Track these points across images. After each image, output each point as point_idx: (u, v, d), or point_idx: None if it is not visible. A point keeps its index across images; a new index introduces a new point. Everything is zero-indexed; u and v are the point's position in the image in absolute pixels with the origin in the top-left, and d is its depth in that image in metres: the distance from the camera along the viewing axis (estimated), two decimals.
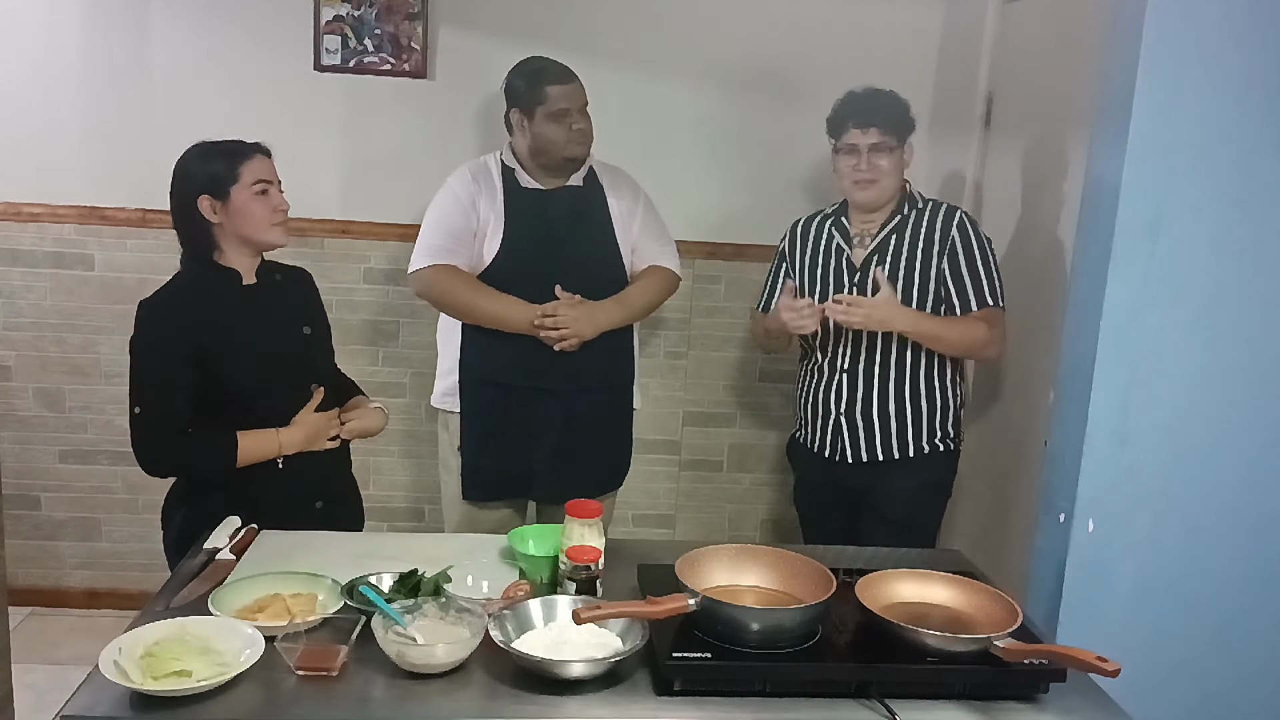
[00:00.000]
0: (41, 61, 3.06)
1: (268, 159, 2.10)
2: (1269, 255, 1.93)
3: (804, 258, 2.57)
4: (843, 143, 2.42)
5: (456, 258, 2.55)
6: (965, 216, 2.44)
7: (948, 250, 2.40)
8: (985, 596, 1.68)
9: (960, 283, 2.40)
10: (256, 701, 1.43)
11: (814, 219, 2.60)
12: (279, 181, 2.11)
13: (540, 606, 1.62)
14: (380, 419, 2.26)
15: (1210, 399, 1.97)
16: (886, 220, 2.45)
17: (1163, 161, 1.87)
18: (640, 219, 2.68)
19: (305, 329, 2.18)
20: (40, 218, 3.14)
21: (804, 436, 2.62)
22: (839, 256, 2.50)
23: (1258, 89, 1.86)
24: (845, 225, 2.52)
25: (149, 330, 2.00)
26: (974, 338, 2.40)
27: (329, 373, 2.25)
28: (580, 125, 2.55)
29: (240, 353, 2.03)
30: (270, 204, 2.06)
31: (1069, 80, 2.51)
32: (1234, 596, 2.04)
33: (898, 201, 2.46)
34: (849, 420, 2.49)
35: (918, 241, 2.42)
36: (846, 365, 2.48)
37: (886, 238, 2.44)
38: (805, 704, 1.49)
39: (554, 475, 2.61)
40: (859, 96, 2.44)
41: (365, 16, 3.05)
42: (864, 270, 2.45)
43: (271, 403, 2.07)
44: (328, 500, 2.18)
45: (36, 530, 3.32)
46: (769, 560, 1.75)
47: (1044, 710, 1.52)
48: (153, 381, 1.99)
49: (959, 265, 2.40)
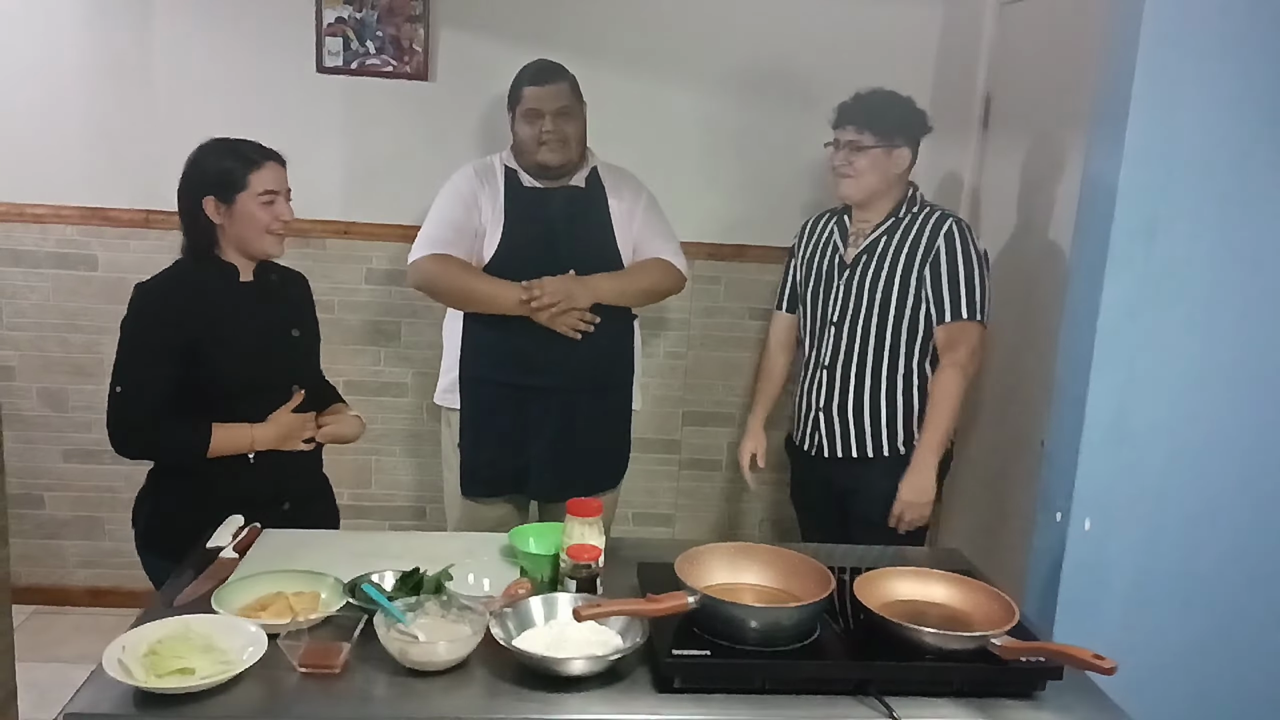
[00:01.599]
0: (44, 63, 3.07)
1: (281, 168, 2.10)
2: (1266, 256, 1.94)
3: (803, 252, 2.65)
4: (833, 137, 2.49)
5: (454, 249, 2.55)
6: (957, 226, 2.43)
7: (932, 258, 2.41)
8: (983, 595, 1.69)
9: (939, 292, 2.42)
10: (259, 699, 1.43)
11: (822, 216, 2.66)
12: (288, 190, 2.11)
13: (541, 604, 1.63)
14: (357, 427, 2.26)
15: (1207, 398, 1.98)
16: (881, 221, 2.48)
17: (1160, 162, 1.88)
18: (640, 218, 2.67)
19: (295, 331, 2.19)
20: (43, 218, 3.15)
21: (793, 432, 2.70)
22: (833, 253, 2.55)
23: (1255, 90, 1.87)
24: (845, 224, 2.57)
25: (140, 313, 2.03)
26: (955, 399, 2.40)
27: (313, 377, 2.26)
28: (551, 129, 2.50)
29: (227, 347, 2.05)
30: (273, 213, 2.06)
31: (1067, 82, 2.52)
32: (1230, 595, 2.05)
33: (895, 204, 2.48)
34: (826, 415, 2.54)
35: (905, 245, 2.44)
36: (826, 361, 2.54)
37: (877, 239, 2.48)
38: (804, 701, 1.50)
39: (550, 474, 2.62)
40: (859, 96, 2.48)
41: (367, 19, 3.06)
42: (852, 269, 2.49)
43: (251, 400, 2.09)
44: (295, 501, 2.17)
45: (40, 529, 3.33)
46: (768, 558, 1.76)
47: (1041, 708, 1.52)
48: (136, 363, 2.02)
49: (940, 273, 2.41)
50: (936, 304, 2.42)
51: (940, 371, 2.44)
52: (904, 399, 2.49)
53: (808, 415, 2.59)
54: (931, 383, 2.46)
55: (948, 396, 2.41)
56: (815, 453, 2.58)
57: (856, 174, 2.44)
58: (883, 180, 2.45)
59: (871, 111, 2.44)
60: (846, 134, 2.45)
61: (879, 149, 2.42)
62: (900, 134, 2.44)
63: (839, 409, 2.52)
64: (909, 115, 2.47)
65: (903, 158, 2.46)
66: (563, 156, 2.55)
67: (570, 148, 2.55)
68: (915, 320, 2.45)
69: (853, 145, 2.43)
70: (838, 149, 2.48)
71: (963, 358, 2.40)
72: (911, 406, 2.50)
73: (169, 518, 2.09)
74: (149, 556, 2.13)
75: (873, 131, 2.42)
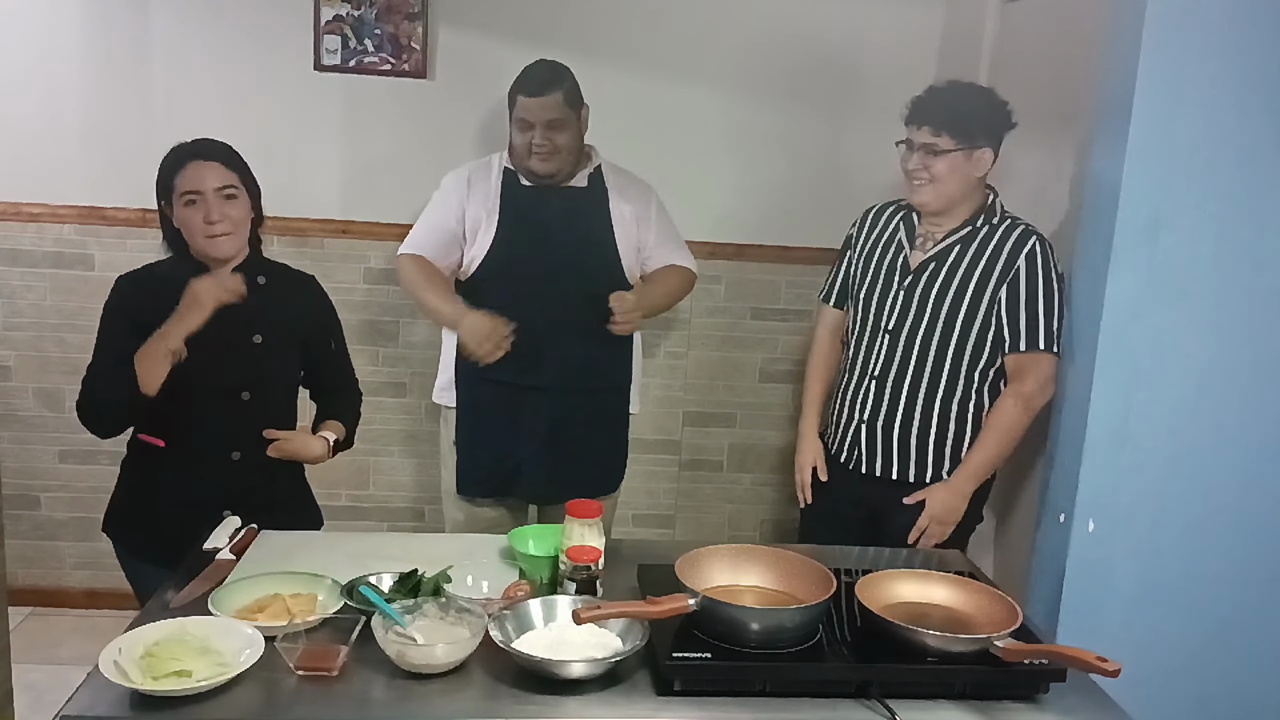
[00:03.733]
0: (41, 61, 3.05)
1: (210, 164, 2.03)
2: (1269, 254, 1.93)
3: (865, 244, 2.43)
4: (906, 137, 2.29)
5: (429, 250, 2.62)
6: (1040, 245, 2.21)
7: (1009, 278, 2.20)
8: (985, 596, 1.68)
9: (1015, 317, 2.20)
10: (256, 701, 1.42)
11: (887, 207, 2.44)
12: (226, 187, 2.03)
13: (540, 606, 1.62)
14: (318, 449, 2.18)
15: (1210, 399, 1.97)
16: (956, 229, 2.27)
17: (1163, 161, 1.87)
18: (654, 224, 2.68)
19: (256, 338, 2.11)
20: (40, 218, 3.13)
21: (827, 437, 2.50)
22: (897, 253, 2.34)
23: (1258, 88, 1.87)
24: (914, 222, 2.35)
25: (110, 299, 2.09)
26: (1016, 433, 2.22)
27: (278, 382, 2.18)
28: (540, 141, 2.49)
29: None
30: (200, 215, 2.01)
31: (1069, 80, 2.51)
32: (1234, 596, 2.04)
33: (973, 211, 2.27)
34: (870, 429, 2.34)
35: (980, 259, 2.23)
36: (876, 371, 2.34)
37: (949, 247, 2.27)
38: (805, 704, 1.49)
39: (542, 475, 2.61)
40: (933, 90, 2.28)
41: (365, 16, 3.05)
42: (917, 275, 2.29)
43: (202, 401, 2.06)
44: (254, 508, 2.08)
45: (36, 530, 3.32)
46: (769, 560, 1.75)
47: (1044, 710, 1.52)
48: (99, 343, 2.08)
49: (1018, 298, 2.19)
50: (1011, 329, 2.20)
51: (1003, 399, 2.24)
52: (956, 424, 2.29)
53: (847, 426, 2.39)
54: (991, 410, 2.26)
55: (1006, 429, 2.22)
56: (853, 466, 2.38)
57: (934, 180, 2.22)
58: (963, 186, 2.23)
59: (950, 109, 2.21)
60: (922, 135, 2.21)
61: (959, 151, 2.20)
62: (982, 134, 2.21)
63: (884, 424, 2.32)
64: (992, 111, 2.24)
65: (984, 159, 2.23)
66: (552, 166, 2.54)
67: (561, 157, 2.54)
68: (982, 342, 2.24)
69: (929, 148, 2.20)
70: (911, 150, 2.25)
71: (1030, 389, 2.19)
72: (963, 434, 2.29)
73: (113, 507, 2.20)
74: (107, 531, 2.22)
75: (951, 132, 2.19)
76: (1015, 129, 2.27)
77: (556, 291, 2.55)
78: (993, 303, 2.22)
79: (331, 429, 2.24)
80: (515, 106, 2.53)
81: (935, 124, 2.20)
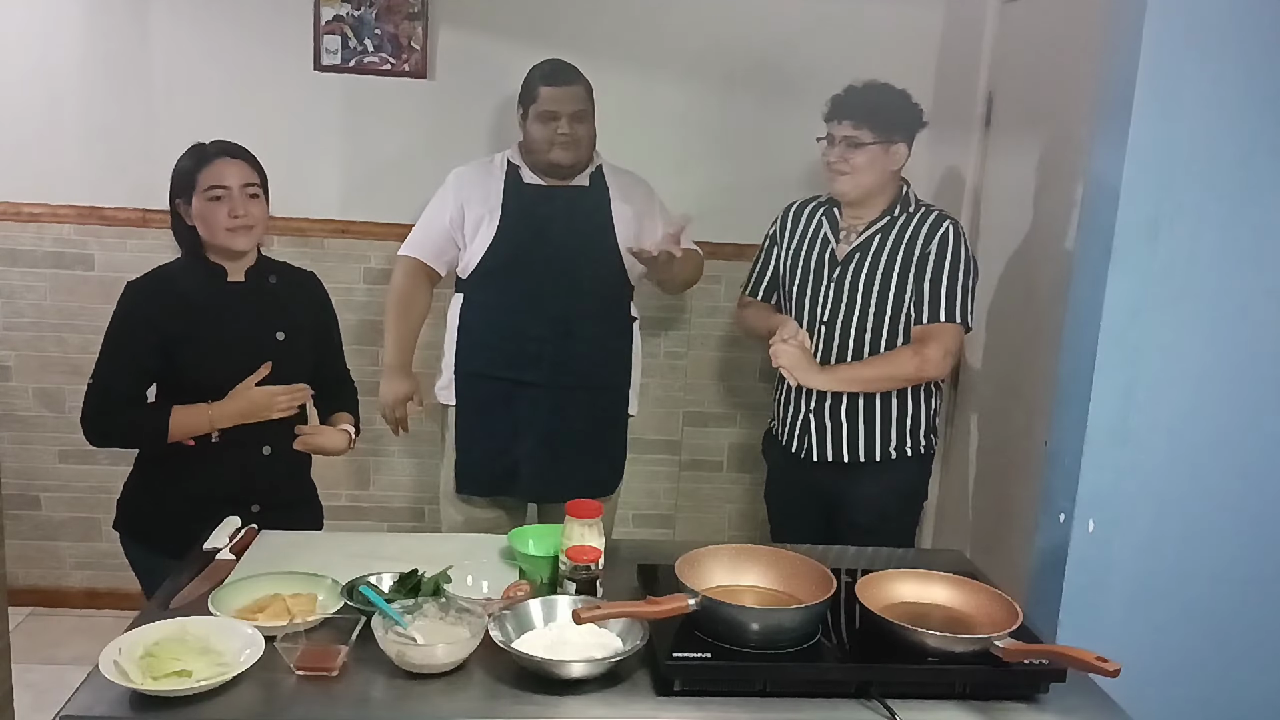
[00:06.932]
0: (41, 61, 3.05)
1: (236, 162, 2.07)
2: (1269, 254, 1.93)
3: (790, 243, 2.55)
4: (827, 132, 2.41)
5: (425, 250, 2.65)
6: (952, 229, 2.37)
7: (918, 258, 2.36)
8: (985, 596, 1.68)
9: (920, 293, 2.36)
10: (256, 701, 1.43)
11: (807, 204, 2.56)
12: (250, 185, 2.07)
13: (540, 607, 1.62)
14: (341, 442, 2.24)
15: (1211, 398, 1.97)
16: (875, 219, 2.41)
17: (1163, 161, 1.87)
18: (659, 223, 2.68)
19: (279, 334, 2.14)
20: (40, 218, 3.13)
21: (777, 431, 2.61)
22: (824, 247, 2.47)
23: (1258, 88, 1.86)
24: (836, 216, 2.49)
25: (122, 308, 2.07)
26: (900, 373, 2.37)
27: (304, 379, 2.19)
28: (566, 131, 2.51)
29: (201, 346, 2.05)
30: (226, 209, 2.04)
31: (1069, 80, 2.51)
32: (1234, 596, 2.04)
33: (890, 202, 2.42)
34: (818, 418, 2.46)
35: (900, 245, 2.38)
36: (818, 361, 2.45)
37: (870, 237, 2.41)
38: (805, 704, 1.49)
39: (538, 474, 2.61)
40: (853, 89, 2.40)
41: (365, 16, 3.05)
42: (844, 266, 2.42)
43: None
44: (267, 504, 2.13)
45: (36, 530, 3.31)
46: (769, 560, 1.75)
47: (1044, 710, 1.52)
48: (110, 353, 2.06)
49: (924, 275, 2.35)
50: (917, 305, 2.36)
51: (903, 348, 2.37)
52: (897, 403, 2.43)
53: (795, 416, 2.51)
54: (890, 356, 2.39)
55: (891, 363, 2.36)
56: (804, 455, 2.50)
57: (854, 171, 2.35)
58: (880, 177, 2.37)
59: (869, 105, 2.35)
60: (843, 129, 2.35)
61: (876, 145, 2.34)
62: (898, 129, 2.37)
63: (831, 411, 2.44)
64: (906, 109, 2.39)
65: (900, 154, 2.38)
66: (575, 156, 2.56)
67: (582, 148, 2.57)
68: (909, 323, 2.38)
69: (850, 141, 2.34)
70: (832, 144, 2.38)
71: (930, 352, 2.32)
72: (905, 411, 2.44)
73: (130, 501, 2.19)
74: (117, 531, 2.22)
75: (870, 127, 2.33)
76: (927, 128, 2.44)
77: (557, 290, 2.55)
78: (916, 285, 2.37)
79: (345, 420, 2.28)
80: (537, 100, 2.53)
81: (856, 119, 2.34)
